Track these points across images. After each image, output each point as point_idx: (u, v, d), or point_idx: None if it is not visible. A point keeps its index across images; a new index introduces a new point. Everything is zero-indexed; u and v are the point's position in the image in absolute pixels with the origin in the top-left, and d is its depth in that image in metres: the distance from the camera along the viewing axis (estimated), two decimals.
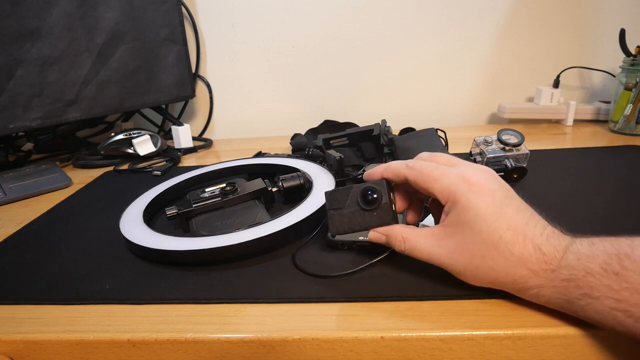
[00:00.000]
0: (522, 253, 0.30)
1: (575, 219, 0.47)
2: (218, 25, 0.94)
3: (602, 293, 0.27)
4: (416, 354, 0.32)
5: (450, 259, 0.33)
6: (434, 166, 0.35)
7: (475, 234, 0.31)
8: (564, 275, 0.29)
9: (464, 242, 0.32)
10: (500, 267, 0.31)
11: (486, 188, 0.32)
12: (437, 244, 0.34)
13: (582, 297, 0.28)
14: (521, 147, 0.59)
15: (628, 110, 0.78)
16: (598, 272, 0.28)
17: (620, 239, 0.29)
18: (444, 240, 0.34)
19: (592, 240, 0.30)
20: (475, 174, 0.33)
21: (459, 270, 0.33)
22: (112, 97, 0.79)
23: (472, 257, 0.32)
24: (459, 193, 0.33)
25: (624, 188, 0.54)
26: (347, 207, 0.37)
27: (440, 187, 0.34)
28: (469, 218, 0.32)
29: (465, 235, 0.32)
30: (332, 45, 0.94)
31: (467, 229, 0.32)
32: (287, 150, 0.78)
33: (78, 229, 0.53)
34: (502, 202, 0.32)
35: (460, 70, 0.95)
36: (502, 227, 0.31)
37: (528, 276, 0.30)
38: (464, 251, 0.32)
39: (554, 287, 0.30)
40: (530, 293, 0.31)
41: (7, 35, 0.65)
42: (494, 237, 0.31)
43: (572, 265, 0.29)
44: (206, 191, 0.53)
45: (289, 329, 0.33)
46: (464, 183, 0.33)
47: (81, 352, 0.34)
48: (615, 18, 0.88)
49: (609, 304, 0.27)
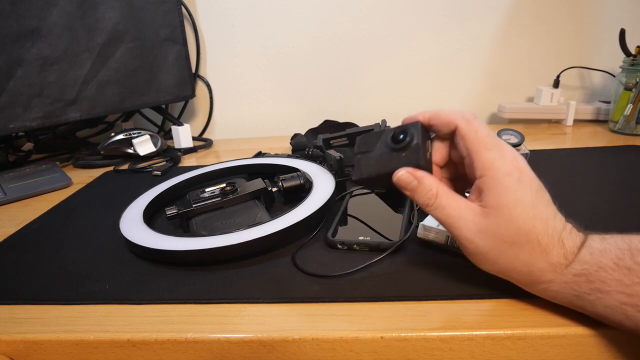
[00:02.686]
0: (548, 244, 0.30)
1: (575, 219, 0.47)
2: (218, 25, 0.94)
3: (613, 288, 0.27)
4: (416, 354, 0.32)
5: (477, 237, 0.32)
6: (490, 132, 0.33)
7: (512, 220, 0.31)
8: (576, 270, 0.29)
9: (498, 225, 0.31)
10: (524, 256, 0.31)
11: (527, 175, 0.32)
12: (469, 218, 0.32)
13: (592, 292, 0.28)
14: (521, 147, 0.59)
15: (628, 110, 0.78)
16: (610, 267, 0.28)
17: (631, 236, 0.29)
18: (477, 217, 0.32)
19: (603, 236, 0.30)
20: (519, 158, 0.33)
21: (480, 251, 0.32)
22: (112, 97, 0.79)
23: (501, 242, 0.31)
24: (502, 172, 0.31)
25: (624, 188, 0.54)
26: (377, 149, 0.35)
27: (487, 159, 0.32)
28: (507, 201, 0.31)
29: (501, 218, 0.31)
30: (332, 45, 0.94)
31: (504, 212, 0.31)
32: (287, 150, 0.78)
33: (78, 229, 0.53)
34: (538, 192, 0.32)
35: (460, 70, 0.95)
36: (537, 216, 0.31)
37: (545, 270, 0.30)
38: (494, 234, 0.31)
39: (564, 282, 0.30)
40: (539, 287, 0.31)
41: (7, 35, 0.65)
42: (528, 225, 0.30)
43: (585, 260, 0.29)
44: (206, 191, 0.53)
45: (289, 329, 0.33)
46: (510, 164, 0.32)
47: (81, 352, 0.34)
48: (615, 18, 0.88)
49: (619, 298, 0.27)
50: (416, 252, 0.41)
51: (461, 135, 0.34)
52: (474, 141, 0.33)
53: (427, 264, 0.39)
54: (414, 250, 0.42)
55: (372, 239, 0.42)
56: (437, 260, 0.40)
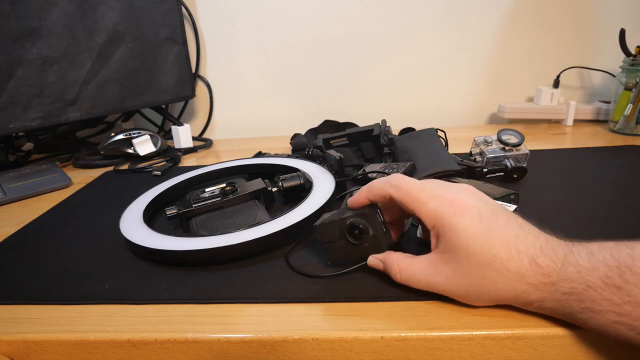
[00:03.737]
0: (519, 268, 0.30)
1: (575, 219, 0.47)
2: (218, 25, 0.94)
3: (604, 307, 0.27)
4: (416, 354, 0.32)
5: (449, 285, 0.33)
6: (421, 187, 0.34)
7: (470, 257, 0.31)
8: (565, 288, 0.29)
9: (460, 266, 0.32)
10: (500, 284, 0.31)
11: (472, 207, 0.32)
12: (435, 272, 0.33)
13: (583, 311, 0.28)
14: (521, 147, 0.59)
15: (628, 110, 0.78)
16: (599, 286, 0.27)
17: (620, 247, 0.28)
18: (440, 267, 0.33)
19: (591, 250, 0.29)
20: (459, 195, 0.33)
21: (460, 295, 0.33)
22: (112, 97, 0.79)
23: (471, 279, 0.31)
24: (446, 217, 0.32)
25: (624, 188, 0.54)
26: (338, 239, 0.37)
27: (427, 211, 0.33)
28: (460, 241, 0.31)
29: (460, 259, 0.31)
30: (332, 45, 0.94)
31: (460, 253, 0.31)
32: (287, 150, 0.78)
33: (78, 229, 0.53)
34: (489, 218, 0.32)
35: (461, 70, 0.95)
36: (495, 244, 0.30)
37: (529, 290, 0.30)
38: (462, 276, 0.32)
39: (555, 300, 0.29)
40: (534, 306, 0.31)
41: (7, 35, 0.65)
42: (488, 256, 0.30)
43: (572, 278, 0.28)
44: (206, 191, 0.53)
45: (289, 329, 0.33)
46: (450, 206, 0.32)
47: (81, 352, 0.34)
48: (615, 18, 0.88)
49: (610, 317, 0.27)
50: (416, 252, 0.41)
51: (397, 201, 0.35)
52: (410, 203, 0.34)
53: None
54: (414, 250, 0.42)
55: None
56: None
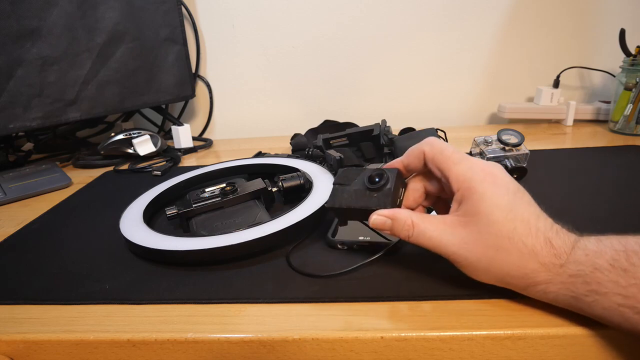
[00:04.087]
0: (534, 245, 0.30)
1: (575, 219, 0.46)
2: (218, 25, 0.94)
3: (610, 289, 0.27)
4: (416, 354, 0.32)
5: (462, 249, 0.32)
6: (455, 149, 0.35)
7: (491, 224, 0.31)
8: (572, 270, 0.29)
9: (479, 232, 0.31)
10: (513, 259, 0.31)
11: (500, 178, 0.33)
12: (450, 232, 0.33)
13: (589, 294, 0.28)
14: (521, 147, 0.59)
15: (628, 110, 0.78)
16: (606, 268, 0.28)
17: (627, 237, 0.29)
18: (457, 229, 0.33)
19: (599, 238, 0.30)
20: (490, 166, 0.34)
21: (470, 262, 0.32)
22: (112, 97, 0.79)
23: (487, 248, 0.31)
24: (475, 181, 0.32)
25: (624, 188, 0.54)
26: (353, 184, 0.37)
27: (457, 172, 0.33)
28: (484, 207, 0.31)
29: (481, 225, 0.31)
30: (332, 45, 0.94)
31: (482, 218, 0.31)
32: (287, 150, 0.78)
33: (78, 229, 0.53)
34: (516, 194, 0.32)
35: (461, 70, 0.95)
36: (517, 218, 0.31)
37: (538, 270, 0.30)
38: (477, 242, 0.32)
39: (561, 282, 0.29)
40: (537, 289, 0.31)
41: (7, 35, 0.65)
42: (508, 227, 0.31)
43: (580, 261, 0.29)
44: (206, 191, 0.53)
45: (289, 329, 0.33)
46: (481, 172, 0.33)
47: (81, 352, 0.34)
48: (615, 18, 0.88)
49: (616, 300, 0.27)
50: (416, 251, 0.41)
51: (429, 158, 0.35)
52: (442, 160, 0.34)
53: (427, 264, 0.39)
54: (414, 250, 0.42)
55: (372, 239, 0.42)
56: (437, 259, 0.39)
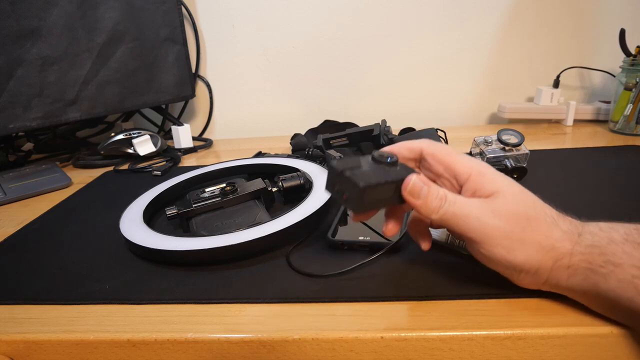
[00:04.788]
0: (553, 216, 0.32)
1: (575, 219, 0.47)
2: (218, 25, 0.94)
3: (625, 260, 0.28)
4: (416, 354, 0.32)
5: (495, 220, 0.31)
6: (452, 148, 0.36)
7: (516, 195, 0.32)
8: (589, 240, 0.30)
9: (508, 203, 0.32)
10: (542, 227, 0.31)
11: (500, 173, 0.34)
12: (479, 205, 0.32)
13: (605, 265, 0.29)
14: (521, 147, 0.59)
15: (628, 110, 0.78)
16: (620, 241, 0.29)
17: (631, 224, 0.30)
18: (486, 203, 0.32)
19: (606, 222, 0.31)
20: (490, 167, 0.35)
21: (504, 233, 0.31)
22: (112, 97, 0.79)
23: (518, 217, 0.31)
24: (483, 166, 0.34)
25: (624, 188, 0.54)
26: (364, 166, 0.34)
27: (463, 161, 0.34)
28: (504, 183, 0.33)
29: (507, 197, 0.32)
30: (333, 45, 0.94)
31: (507, 192, 0.32)
32: (287, 150, 0.78)
33: (78, 229, 0.53)
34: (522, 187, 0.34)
35: (461, 70, 0.95)
36: (530, 195, 0.33)
37: (562, 239, 0.31)
38: (509, 212, 0.31)
39: (581, 253, 0.30)
40: (562, 264, 0.30)
41: (7, 35, 0.65)
42: (530, 199, 0.33)
43: (594, 232, 0.30)
44: (206, 191, 0.53)
45: (289, 329, 0.33)
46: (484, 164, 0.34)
47: (81, 352, 0.34)
48: (615, 18, 0.88)
49: (631, 271, 0.28)
50: (416, 251, 0.41)
51: (430, 154, 0.36)
52: (445, 154, 0.35)
53: (427, 264, 0.39)
54: (414, 249, 0.42)
55: (372, 239, 0.42)
56: (437, 259, 0.40)
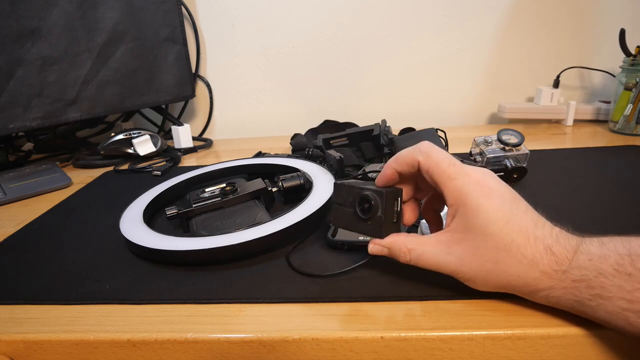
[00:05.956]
0: (534, 255, 0.30)
1: (575, 219, 0.46)
2: (218, 25, 0.94)
3: (614, 294, 0.27)
4: (416, 354, 0.32)
5: (460, 266, 0.32)
6: (451, 161, 0.34)
7: (487, 239, 0.31)
8: (576, 275, 0.29)
9: (475, 247, 0.31)
10: (513, 270, 0.30)
11: (496, 190, 0.32)
12: (446, 251, 0.33)
13: (593, 298, 0.28)
14: (521, 147, 0.59)
15: (628, 110, 0.78)
16: (610, 273, 0.27)
17: (630, 239, 0.29)
18: (452, 247, 0.32)
19: (602, 240, 0.29)
20: (485, 176, 0.33)
21: (469, 277, 0.32)
22: (112, 97, 0.79)
23: (484, 262, 0.31)
24: (470, 196, 0.32)
25: (624, 188, 0.54)
26: (349, 205, 0.37)
27: (453, 187, 0.32)
28: (480, 222, 0.31)
29: (477, 240, 0.31)
30: (333, 45, 0.94)
31: (478, 234, 0.31)
32: (287, 150, 0.78)
33: (78, 229, 0.53)
34: (512, 204, 0.32)
35: (461, 70, 0.95)
36: (514, 229, 0.30)
37: (540, 278, 0.30)
38: (475, 257, 0.31)
39: (564, 288, 0.29)
40: (540, 295, 0.31)
41: (7, 35, 0.65)
42: (506, 240, 0.30)
43: (583, 266, 0.29)
44: (206, 191, 0.53)
45: (289, 329, 0.33)
46: (477, 185, 0.32)
47: (81, 352, 0.34)
48: (615, 18, 0.88)
49: (620, 304, 0.27)
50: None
51: (425, 169, 0.34)
52: (438, 173, 0.33)
53: None
54: None
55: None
56: None
